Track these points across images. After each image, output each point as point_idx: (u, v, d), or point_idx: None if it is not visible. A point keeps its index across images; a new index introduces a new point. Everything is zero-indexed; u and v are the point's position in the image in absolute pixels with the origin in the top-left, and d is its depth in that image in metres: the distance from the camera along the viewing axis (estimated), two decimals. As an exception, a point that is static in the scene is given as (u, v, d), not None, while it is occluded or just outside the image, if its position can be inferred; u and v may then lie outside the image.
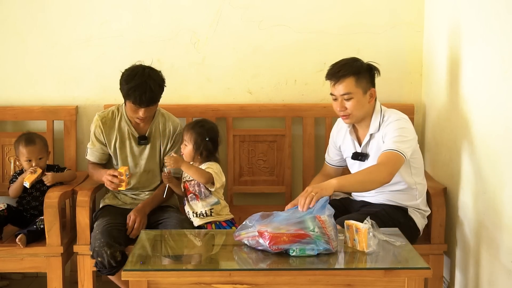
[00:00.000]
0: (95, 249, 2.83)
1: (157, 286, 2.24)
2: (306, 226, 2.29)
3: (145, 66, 2.97)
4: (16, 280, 3.61)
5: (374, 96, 2.81)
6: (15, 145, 3.14)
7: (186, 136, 3.00)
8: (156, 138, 3.13)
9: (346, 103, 2.75)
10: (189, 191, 3.01)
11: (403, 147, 2.68)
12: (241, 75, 3.55)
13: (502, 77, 2.52)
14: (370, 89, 2.78)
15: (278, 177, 3.52)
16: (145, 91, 2.88)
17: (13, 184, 3.11)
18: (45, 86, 3.54)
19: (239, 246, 2.44)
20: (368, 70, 2.79)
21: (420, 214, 2.90)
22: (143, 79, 2.89)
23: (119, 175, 2.93)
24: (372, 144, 2.83)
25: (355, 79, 2.73)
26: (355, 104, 2.74)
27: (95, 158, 3.14)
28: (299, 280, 2.23)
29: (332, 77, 2.77)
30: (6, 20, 3.49)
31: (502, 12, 2.52)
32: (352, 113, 2.76)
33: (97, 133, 3.11)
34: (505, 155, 2.50)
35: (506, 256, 2.52)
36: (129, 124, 3.10)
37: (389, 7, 3.49)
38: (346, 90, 2.73)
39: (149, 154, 3.12)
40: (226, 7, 3.48)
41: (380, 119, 2.80)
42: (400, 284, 2.24)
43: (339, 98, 2.76)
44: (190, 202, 3.02)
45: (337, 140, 3.01)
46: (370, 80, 2.80)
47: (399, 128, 2.73)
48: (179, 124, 3.18)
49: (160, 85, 2.97)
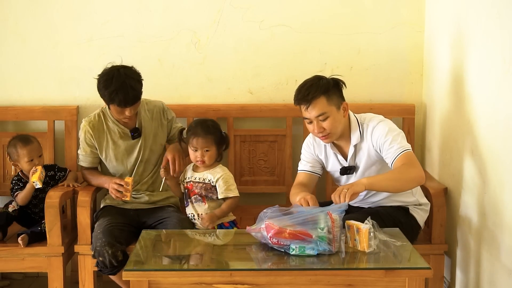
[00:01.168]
0: (97, 248, 2.83)
1: (158, 286, 2.25)
2: (317, 224, 2.29)
3: (118, 66, 2.95)
4: (17, 280, 3.61)
5: (347, 109, 2.77)
6: (11, 150, 3.11)
7: (204, 141, 2.92)
8: (146, 128, 3.11)
9: (322, 124, 2.69)
10: (194, 192, 2.99)
11: (406, 144, 2.68)
12: (242, 75, 3.55)
13: (502, 77, 2.51)
14: (342, 103, 2.73)
15: (279, 177, 3.53)
16: (127, 91, 2.88)
17: (21, 193, 3.07)
18: (46, 86, 3.55)
19: (240, 246, 2.45)
20: (335, 85, 2.72)
21: (421, 211, 2.89)
22: (122, 79, 2.88)
23: (125, 185, 2.93)
24: (360, 155, 2.79)
25: (326, 98, 2.67)
26: (332, 122, 2.69)
27: (88, 163, 3.15)
28: (299, 280, 2.24)
29: (302, 101, 2.69)
30: (7, 20, 3.50)
31: (502, 12, 2.52)
32: (331, 132, 2.71)
33: (87, 138, 3.10)
34: (506, 154, 2.50)
35: (507, 256, 2.52)
36: (117, 124, 3.10)
37: (390, 7, 3.49)
38: (320, 111, 2.67)
39: (143, 145, 3.11)
40: (227, 7, 3.48)
41: (359, 128, 2.77)
42: (400, 284, 2.24)
43: (314, 121, 2.69)
44: (194, 204, 2.99)
45: (316, 151, 2.90)
46: (340, 95, 2.74)
47: (388, 130, 2.70)
48: (160, 102, 3.19)
49: (139, 80, 2.96)
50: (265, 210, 2.42)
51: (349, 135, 2.79)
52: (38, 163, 3.09)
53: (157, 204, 3.14)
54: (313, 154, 2.90)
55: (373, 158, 2.77)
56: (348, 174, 2.83)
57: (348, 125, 2.79)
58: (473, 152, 2.82)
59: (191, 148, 2.95)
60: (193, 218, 2.98)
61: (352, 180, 2.79)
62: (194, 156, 2.95)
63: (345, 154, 2.83)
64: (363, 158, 2.79)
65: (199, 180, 2.97)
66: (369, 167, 2.79)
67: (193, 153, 2.95)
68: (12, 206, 3.08)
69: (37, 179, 2.97)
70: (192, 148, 2.95)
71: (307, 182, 2.88)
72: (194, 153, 2.94)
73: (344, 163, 2.83)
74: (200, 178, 2.98)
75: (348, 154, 2.81)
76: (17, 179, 3.16)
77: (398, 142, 2.67)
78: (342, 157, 2.84)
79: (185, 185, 3.02)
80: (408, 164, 2.61)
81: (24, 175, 3.15)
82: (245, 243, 2.47)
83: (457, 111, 3.00)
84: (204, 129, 2.95)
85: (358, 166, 2.81)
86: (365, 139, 2.77)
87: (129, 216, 3.06)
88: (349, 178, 2.84)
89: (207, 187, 2.96)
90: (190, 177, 3.01)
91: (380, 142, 2.71)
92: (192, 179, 3.00)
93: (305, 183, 2.87)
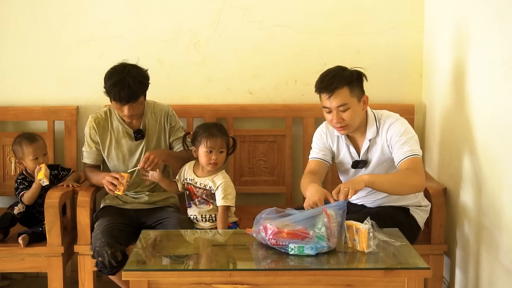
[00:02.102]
0: (96, 249, 2.83)
1: (157, 286, 2.25)
2: (314, 223, 2.30)
3: (128, 64, 2.97)
4: (17, 280, 3.61)
5: (367, 103, 2.78)
6: (16, 148, 3.12)
7: (221, 141, 2.92)
8: (150, 130, 3.12)
9: (342, 114, 2.69)
10: (196, 196, 2.98)
11: (417, 149, 2.71)
12: (242, 75, 3.55)
13: (502, 78, 2.52)
14: (363, 96, 2.75)
15: (279, 178, 3.53)
16: (123, 87, 2.88)
17: (27, 192, 3.07)
18: (46, 86, 3.55)
19: (239, 246, 2.45)
20: (358, 78, 2.74)
21: (421, 212, 2.90)
22: (122, 75, 2.90)
23: (120, 178, 2.93)
24: (374, 150, 2.81)
25: (349, 89, 2.68)
26: (352, 114, 2.70)
27: (92, 160, 3.15)
28: (299, 280, 2.24)
29: (324, 90, 2.69)
30: (7, 20, 3.50)
31: (502, 13, 2.52)
32: (349, 123, 2.71)
33: (92, 134, 3.11)
34: (505, 155, 2.51)
35: (506, 256, 2.52)
36: (122, 123, 3.11)
37: (390, 7, 3.49)
38: (342, 101, 2.67)
39: (145, 147, 3.10)
40: (227, 7, 3.48)
41: (376, 123, 2.79)
42: (400, 284, 2.24)
43: (334, 110, 2.69)
44: (198, 206, 2.98)
45: (328, 140, 2.91)
46: (361, 87, 2.75)
47: (404, 130, 2.73)
48: (167, 106, 3.18)
49: (141, 81, 2.95)
50: (261, 213, 2.43)
51: (365, 129, 2.80)
52: (43, 162, 3.09)
53: (156, 204, 3.14)
54: (325, 143, 2.91)
55: (386, 155, 2.78)
56: (358, 168, 2.84)
57: (365, 119, 2.80)
58: (472, 152, 2.82)
59: (204, 149, 2.90)
60: (196, 219, 2.98)
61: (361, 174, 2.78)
62: (208, 158, 2.90)
63: (358, 148, 2.84)
64: (376, 153, 2.80)
65: (200, 185, 2.96)
66: (381, 163, 2.80)
67: (206, 155, 2.90)
68: (18, 209, 3.07)
69: (43, 177, 2.98)
70: (206, 149, 2.90)
71: (318, 169, 2.87)
72: (208, 155, 2.90)
73: (356, 157, 2.84)
74: (201, 183, 2.96)
75: (362, 148, 2.82)
76: (22, 178, 3.15)
77: (410, 145, 2.69)
78: (354, 150, 2.84)
79: (186, 186, 3.02)
80: (413, 170, 2.63)
81: (28, 174, 3.15)
82: (244, 243, 2.48)
83: (456, 111, 3.00)
84: (219, 129, 2.96)
85: (370, 161, 2.82)
86: (380, 134, 2.78)
87: (128, 216, 3.06)
88: (357, 172, 2.84)
89: (207, 193, 2.95)
90: (191, 179, 2.99)
91: (393, 140, 2.73)
92: (192, 182, 2.98)
93: (316, 171, 2.85)
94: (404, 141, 2.70)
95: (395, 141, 2.73)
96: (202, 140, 2.91)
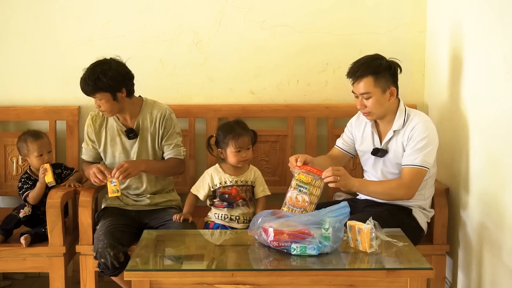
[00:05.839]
0: (98, 250, 2.83)
1: (159, 286, 2.25)
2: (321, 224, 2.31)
3: (109, 58, 2.97)
4: (19, 280, 3.61)
5: (395, 94, 2.80)
6: (21, 145, 3.12)
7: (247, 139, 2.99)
8: (144, 130, 3.09)
9: (365, 102, 2.77)
10: (240, 196, 2.99)
11: (428, 160, 2.72)
12: (244, 75, 3.55)
13: (504, 78, 2.51)
14: (390, 87, 2.77)
15: (281, 178, 3.52)
16: (88, 77, 2.90)
17: (33, 192, 3.06)
18: (47, 86, 3.55)
19: (241, 246, 2.44)
20: (388, 69, 2.76)
21: (424, 215, 2.89)
22: (92, 66, 2.92)
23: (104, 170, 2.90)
24: (394, 142, 2.82)
25: (373, 78, 2.73)
26: (374, 103, 2.76)
27: (89, 157, 3.15)
28: (301, 280, 2.24)
29: (351, 76, 2.79)
30: (9, 20, 3.50)
31: (504, 13, 2.52)
32: (372, 111, 2.78)
33: (89, 132, 3.12)
34: (507, 155, 2.50)
35: (508, 256, 2.52)
36: (116, 121, 3.11)
37: (392, 7, 3.49)
38: (364, 89, 2.75)
39: (138, 147, 3.09)
40: (229, 7, 3.48)
41: (404, 117, 2.80)
42: (402, 285, 2.24)
43: (360, 96, 2.78)
44: (241, 207, 2.99)
45: (354, 130, 3.00)
46: (390, 79, 2.78)
47: (426, 137, 2.73)
48: (167, 108, 3.12)
49: (112, 76, 2.91)
50: (256, 216, 2.44)
51: (393, 120, 2.83)
52: (48, 159, 3.09)
53: (158, 206, 3.14)
54: (351, 134, 3.01)
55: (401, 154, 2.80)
56: (378, 156, 2.87)
57: (395, 110, 2.83)
58: (475, 153, 2.81)
59: (233, 150, 2.96)
60: (238, 221, 2.97)
61: (379, 164, 2.87)
62: (239, 157, 2.96)
63: (381, 137, 2.88)
64: (394, 146, 2.82)
65: (242, 183, 3.00)
66: (399, 158, 2.81)
67: (236, 154, 2.96)
68: (24, 212, 3.05)
69: (52, 179, 3.00)
70: (235, 149, 2.95)
71: (337, 155, 3.04)
72: (238, 154, 2.96)
73: (377, 145, 2.88)
74: (242, 181, 3.00)
75: (386, 137, 2.85)
76: (26, 178, 3.14)
77: (423, 154, 2.71)
78: (378, 138, 2.88)
79: (221, 190, 2.99)
80: (407, 183, 2.71)
81: (32, 173, 3.15)
82: (246, 243, 2.47)
83: (458, 111, 3.00)
84: (243, 127, 3.02)
85: (388, 151, 2.84)
86: (404, 129, 2.80)
87: (130, 217, 3.06)
88: (377, 161, 2.88)
89: (248, 188, 3.01)
90: (230, 181, 2.99)
91: (411, 141, 2.75)
92: (233, 183, 2.99)
93: (335, 156, 3.04)
94: (419, 148, 2.72)
95: (411, 143, 2.74)
96: (229, 141, 2.96)
